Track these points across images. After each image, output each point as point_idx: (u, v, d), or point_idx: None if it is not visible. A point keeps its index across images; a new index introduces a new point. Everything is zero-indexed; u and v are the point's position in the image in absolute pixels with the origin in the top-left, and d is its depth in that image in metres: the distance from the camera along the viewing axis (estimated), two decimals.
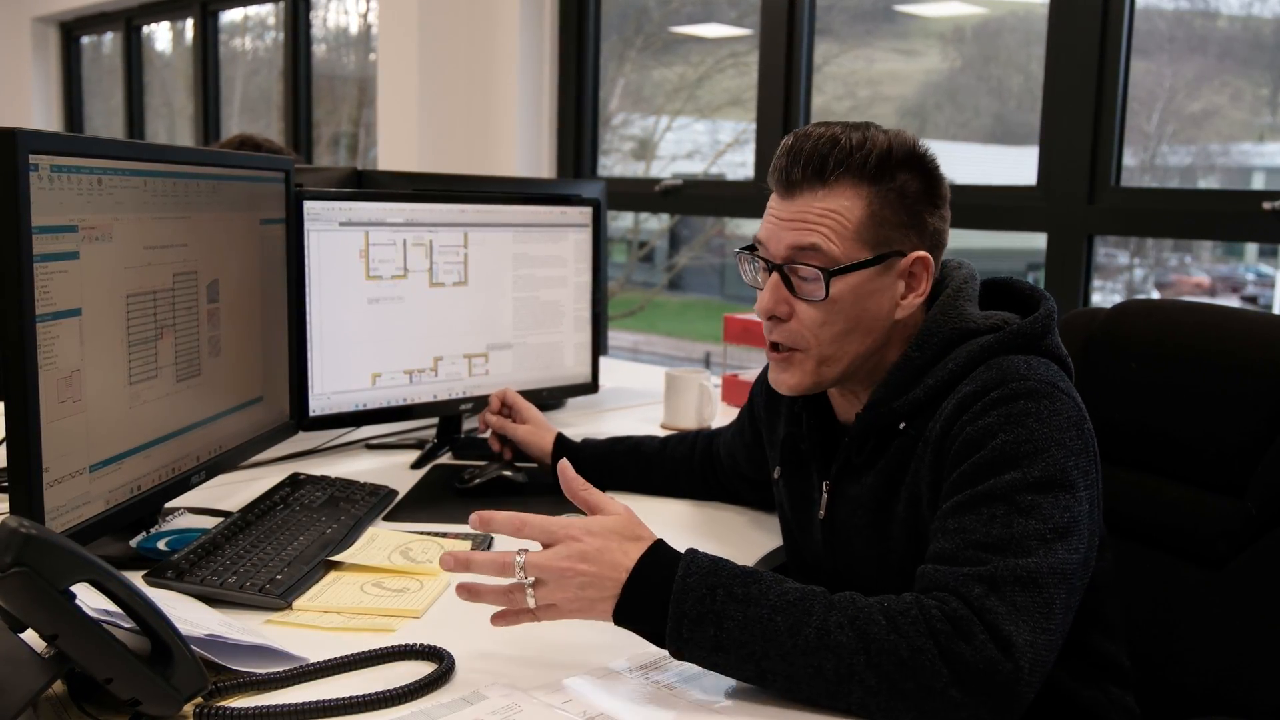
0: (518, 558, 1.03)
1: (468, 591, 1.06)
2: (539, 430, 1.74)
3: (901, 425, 1.18)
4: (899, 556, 1.17)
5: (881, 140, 1.16)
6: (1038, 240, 2.73)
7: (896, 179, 1.17)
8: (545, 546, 1.04)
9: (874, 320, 1.19)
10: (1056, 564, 1.00)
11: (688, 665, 1.03)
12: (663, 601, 1.00)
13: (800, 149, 1.17)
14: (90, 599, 0.88)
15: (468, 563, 1.05)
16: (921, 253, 1.19)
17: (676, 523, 1.58)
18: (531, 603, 1.03)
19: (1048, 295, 1.22)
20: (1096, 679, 1.19)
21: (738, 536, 1.54)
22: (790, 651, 0.97)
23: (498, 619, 1.06)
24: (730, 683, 1.03)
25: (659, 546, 1.04)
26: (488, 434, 1.80)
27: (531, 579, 1.03)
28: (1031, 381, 1.09)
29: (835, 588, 1.10)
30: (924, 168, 1.19)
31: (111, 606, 0.90)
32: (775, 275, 1.19)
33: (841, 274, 1.16)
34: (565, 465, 1.11)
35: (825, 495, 1.27)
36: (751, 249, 1.24)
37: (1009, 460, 1.05)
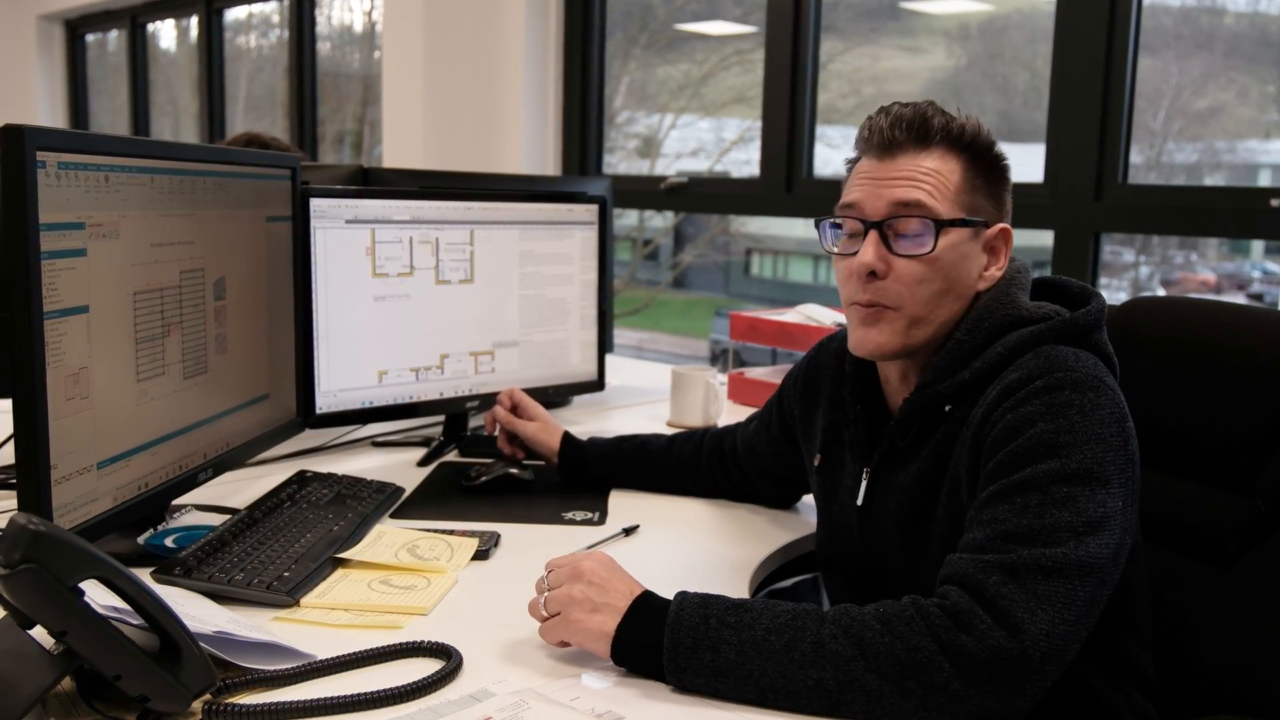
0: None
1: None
2: (547, 429, 1.74)
3: (947, 408, 1.18)
4: (937, 543, 1.17)
5: (970, 119, 1.22)
6: (1044, 238, 2.72)
7: (985, 155, 1.22)
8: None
9: (964, 286, 1.21)
10: (1085, 557, 0.99)
11: None
12: (658, 634, 1.02)
13: (899, 114, 1.20)
14: (98, 596, 0.88)
15: None
16: (1005, 225, 1.24)
17: (686, 521, 1.57)
18: (543, 609, 1.08)
19: (1098, 293, 1.22)
20: (1121, 682, 1.18)
21: (750, 534, 1.53)
22: (788, 667, 0.97)
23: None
24: None
25: (650, 594, 1.07)
26: (496, 433, 1.80)
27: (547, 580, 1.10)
28: (1078, 373, 1.09)
29: (867, 578, 1.09)
30: (999, 153, 1.24)
31: (120, 603, 0.90)
32: (874, 233, 1.19)
33: (948, 227, 1.18)
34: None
35: (865, 482, 1.28)
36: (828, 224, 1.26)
37: (1047, 449, 1.05)
